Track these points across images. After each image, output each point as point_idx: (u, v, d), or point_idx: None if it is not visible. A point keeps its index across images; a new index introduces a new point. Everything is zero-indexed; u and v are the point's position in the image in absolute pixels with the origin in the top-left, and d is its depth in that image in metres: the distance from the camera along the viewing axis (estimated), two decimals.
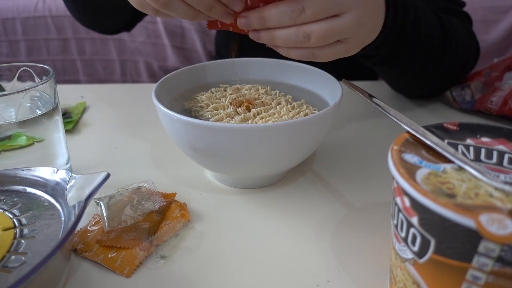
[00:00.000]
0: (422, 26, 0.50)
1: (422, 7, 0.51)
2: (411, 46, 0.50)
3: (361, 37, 0.39)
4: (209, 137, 0.35)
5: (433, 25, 0.52)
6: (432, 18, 0.53)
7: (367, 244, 0.35)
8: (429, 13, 0.52)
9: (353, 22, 0.36)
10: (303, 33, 0.35)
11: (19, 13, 1.24)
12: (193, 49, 1.24)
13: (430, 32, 0.52)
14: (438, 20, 0.54)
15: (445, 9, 0.61)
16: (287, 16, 0.35)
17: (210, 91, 0.47)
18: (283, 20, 0.35)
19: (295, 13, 0.34)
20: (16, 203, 0.34)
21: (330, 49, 0.37)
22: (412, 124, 0.28)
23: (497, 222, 0.19)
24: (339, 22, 0.35)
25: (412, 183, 0.23)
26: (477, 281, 0.22)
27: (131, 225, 0.36)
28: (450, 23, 0.55)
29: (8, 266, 0.28)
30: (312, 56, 0.38)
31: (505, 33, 1.12)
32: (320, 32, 0.35)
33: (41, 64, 0.43)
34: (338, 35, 0.36)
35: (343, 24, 0.35)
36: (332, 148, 0.50)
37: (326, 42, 0.36)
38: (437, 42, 0.53)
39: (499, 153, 0.26)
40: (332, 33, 0.36)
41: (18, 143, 0.40)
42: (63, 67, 1.30)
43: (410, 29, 0.48)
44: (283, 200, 0.41)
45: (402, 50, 0.50)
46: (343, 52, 0.38)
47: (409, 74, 0.56)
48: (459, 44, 0.56)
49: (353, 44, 0.38)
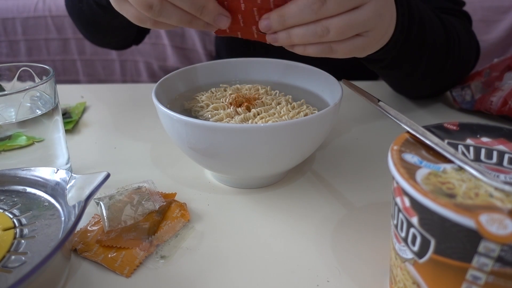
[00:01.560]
0: (427, 30, 0.50)
1: (425, 11, 0.51)
2: (417, 50, 0.50)
3: (380, 30, 0.38)
4: (209, 137, 0.35)
5: (436, 28, 0.52)
6: (435, 21, 0.52)
7: (367, 244, 0.35)
8: (432, 16, 0.52)
9: (374, 13, 0.35)
10: (322, 27, 0.34)
11: (19, 13, 1.23)
12: (193, 49, 1.24)
13: (434, 35, 0.51)
14: (440, 23, 0.53)
15: (445, 8, 0.61)
16: (308, 11, 0.33)
17: (210, 91, 0.47)
18: (304, 16, 0.34)
19: (316, 6, 0.33)
20: (16, 203, 0.34)
21: (349, 42, 0.36)
22: (412, 124, 0.28)
23: (497, 222, 0.19)
24: (359, 14, 0.34)
25: (412, 183, 0.23)
26: (477, 281, 0.22)
27: (131, 225, 0.36)
28: (451, 24, 0.55)
29: (8, 266, 0.28)
30: (331, 50, 0.36)
31: (505, 33, 1.12)
32: (340, 25, 0.34)
33: (41, 64, 0.43)
34: (358, 27, 0.35)
35: (364, 15, 0.34)
36: (332, 148, 0.50)
37: (345, 35, 0.35)
38: (440, 45, 0.53)
39: (499, 153, 0.26)
40: (352, 25, 0.34)
41: (18, 143, 0.40)
42: (63, 67, 1.30)
43: (416, 33, 0.48)
44: (283, 200, 0.41)
45: (408, 54, 0.50)
46: (362, 46, 0.37)
47: (412, 77, 0.56)
48: (461, 45, 0.56)
49: (373, 37, 0.37)
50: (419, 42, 0.49)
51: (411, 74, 0.55)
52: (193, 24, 0.37)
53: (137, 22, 0.38)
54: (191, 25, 0.37)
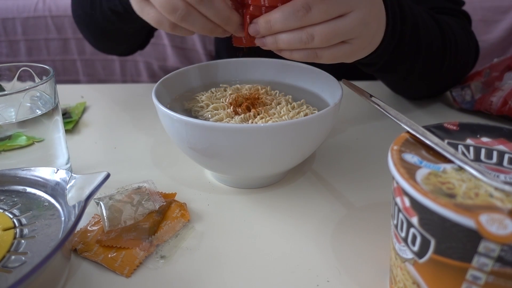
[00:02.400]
0: (421, 33, 0.50)
1: (420, 14, 0.51)
2: (412, 54, 0.50)
3: (365, 38, 0.38)
4: (209, 137, 0.35)
5: (432, 30, 0.52)
6: (430, 23, 0.52)
7: (367, 244, 0.35)
8: (427, 19, 0.52)
9: (358, 22, 0.35)
10: (307, 33, 0.35)
11: (19, 13, 1.23)
12: (193, 49, 1.24)
13: (430, 38, 0.51)
14: (436, 25, 0.53)
15: (445, 8, 0.61)
16: (293, 18, 0.34)
17: (210, 91, 0.47)
18: (289, 23, 0.34)
19: (301, 13, 0.34)
20: (16, 203, 0.34)
21: (334, 49, 0.37)
22: (412, 124, 0.28)
23: (497, 222, 0.19)
24: (344, 22, 0.35)
25: (412, 183, 0.23)
26: (477, 281, 0.22)
27: (131, 225, 0.36)
28: (448, 26, 0.55)
29: (8, 266, 0.28)
30: (316, 56, 0.37)
31: (505, 33, 1.12)
32: (324, 32, 0.35)
33: (41, 64, 0.43)
34: (343, 35, 0.36)
35: (348, 23, 0.35)
36: (332, 148, 0.50)
37: (330, 42, 0.36)
38: (437, 48, 0.53)
39: (499, 153, 0.26)
40: (337, 33, 0.35)
41: (18, 143, 0.40)
42: (63, 67, 1.30)
43: (410, 37, 0.48)
44: (283, 200, 0.41)
45: (402, 58, 0.50)
46: (348, 53, 0.38)
47: (408, 80, 0.56)
48: (458, 46, 0.56)
49: (358, 45, 0.38)
50: (413, 46, 0.49)
51: (407, 77, 0.55)
52: (214, 32, 0.38)
53: (156, 25, 0.39)
54: (212, 33, 0.37)
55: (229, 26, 0.37)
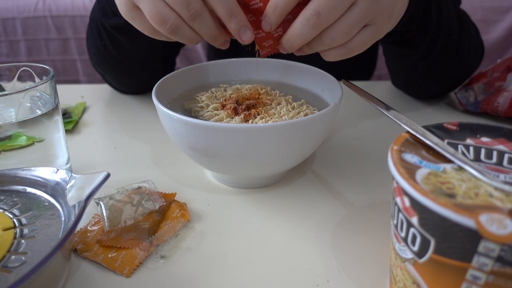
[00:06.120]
0: (444, 13, 0.51)
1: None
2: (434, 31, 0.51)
3: (384, 12, 0.37)
4: (209, 137, 0.35)
5: (453, 16, 0.54)
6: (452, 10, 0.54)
7: (367, 244, 0.35)
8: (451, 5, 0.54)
9: (369, 3, 0.35)
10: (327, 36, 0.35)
11: (19, 13, 1.24)
12: (193, 49, 1.24)
13: (450, 21, 0.53)
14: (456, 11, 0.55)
15: None
16: (307, 28, 0.34)
17: (210, 91, 0.47)
18: (307, 34, 0.35)
19: (313, 21, 0.34)
20: (16, 203, 0.34)
21: (360, 36, 0.36)
22: (412, 124, 0.28)
23: (497, 222, 0.19)
24: (355, 11, 0.34)
25: (412, 183, 0.23)
26: (477, 281, 0.22)
27: (131, 225, 0.36)
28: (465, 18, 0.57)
29: (8, 266, 0.28)
30: (347, 51, 0.37)
31: (505, 33, 1.12)
32: (342, 28, 0.35)
33: (41, 64, 0.43)
34: (360, 22, 0.35)
35: (360, 10, 0.34)
36: (332, 148, 0.50)
37: (352, 34, 0.35)
38: (454, 33, 0.54)
39: (499, 153, 0.26)
40: (353, 23, 0.35)
41: (18, 143, 0.40)
42: (63, 67, 1.30)
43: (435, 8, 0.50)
44: (283, 200, 0.41)
45: (426, 32, 0.51)
46: (375, 33, 0.37)
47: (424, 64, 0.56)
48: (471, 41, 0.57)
49: (380, 21, 0.37)
50: (437, 23, 0.51)
51: (425, 58, 0.55)
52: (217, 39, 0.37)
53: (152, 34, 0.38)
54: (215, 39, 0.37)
55: (216, 43, 0.38)
